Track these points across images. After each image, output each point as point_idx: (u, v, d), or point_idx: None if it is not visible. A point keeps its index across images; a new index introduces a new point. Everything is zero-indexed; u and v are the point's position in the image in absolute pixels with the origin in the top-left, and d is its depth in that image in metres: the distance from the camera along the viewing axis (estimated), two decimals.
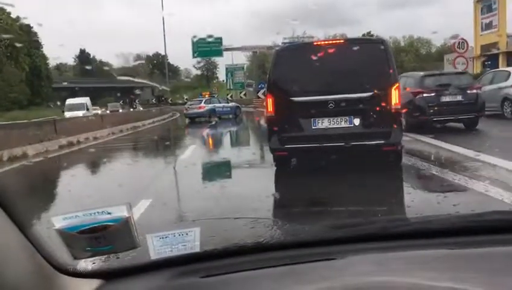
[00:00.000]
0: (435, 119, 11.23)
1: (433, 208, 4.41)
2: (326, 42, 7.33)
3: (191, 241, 1.10)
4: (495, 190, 5.09)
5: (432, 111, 11.14)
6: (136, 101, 44.77)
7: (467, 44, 21.33)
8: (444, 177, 6.22)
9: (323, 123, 6.65)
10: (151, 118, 28.54)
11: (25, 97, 54.08)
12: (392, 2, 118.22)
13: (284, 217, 3.21)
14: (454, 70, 17.29)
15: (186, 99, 43.32)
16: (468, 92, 11.52)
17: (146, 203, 5.04)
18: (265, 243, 1.23)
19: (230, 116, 29.33)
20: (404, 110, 8.06)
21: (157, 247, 1.09)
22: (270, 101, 6.86)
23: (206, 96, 31.23)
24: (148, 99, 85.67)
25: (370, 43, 7.77)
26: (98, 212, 0.96)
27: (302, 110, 6.65)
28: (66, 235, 0.94)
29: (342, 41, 7.53)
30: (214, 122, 25.15)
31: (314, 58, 6.68)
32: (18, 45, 54.14)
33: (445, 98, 11.28)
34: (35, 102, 53.26)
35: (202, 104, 27.96)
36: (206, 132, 19.39)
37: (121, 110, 40.67)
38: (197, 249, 1.11)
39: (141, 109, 41.85)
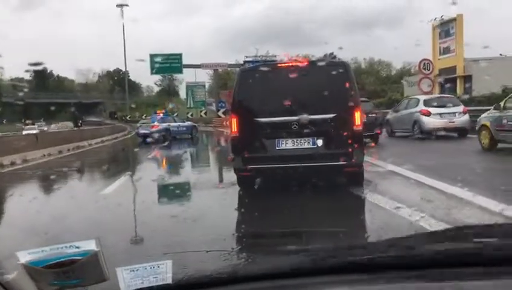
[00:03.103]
0: None
1: None
2: (290, 64, 7.37)
3: (162, 273, 1.08)
4: None
5: None
6: (82, 118, 42.27)
7: (432, 65, 21.01)
8: None
9: (287, 144, 6.74)
10: (100, 137, 26.69)
11: None
12: (354, 25, 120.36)
13: (256, 246, 2.89)
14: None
15: (140, 117, 41.36)
16: (369, 116, 13.58)
17: None
18: (240, 275, 1.25)
19: (186, 136, 27.81)
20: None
21: (127, 279, 1.07)
22: (234, 121, 6.91)
23: (161, 114, 29.53)
24: (99, 115, 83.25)
25: (332, 66, 7.65)
26: (65, 247, 0.96)
27: (266, 131, 6.75)
28: (32, 269, 0.94)
29: (305, 63, 7.61)
30: (166, 143, 23.53)
31: (278, 79, 6.92)
32: None
33: None
34: None
35: (155, 123, 26.30)
36: (152, 154, 17.58)
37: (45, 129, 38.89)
38: (169, 281, 1.10)
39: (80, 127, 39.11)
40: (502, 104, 11.35)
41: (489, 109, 12.27)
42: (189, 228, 5.28)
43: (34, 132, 36.19)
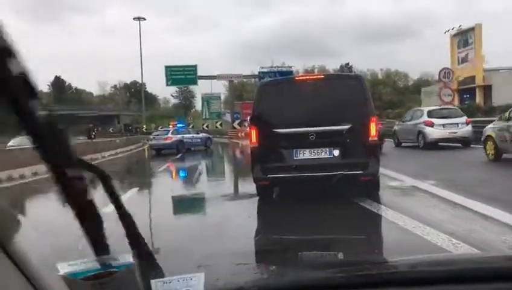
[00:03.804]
0: None
1: None
2: (307, 77, 8.06)
3: (195, 286, 1.09)
4: None
5: None
6: (95, 130, 41.83)
7: (453, 74, 20.41)
8: None
9: (305, 154, 6.98)
10: (114, 149, 26.48)
11: None
12: (370, 35, 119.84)
13: (283, 258, 2.65)
14: None
15: (156, 128, 41.17)
16: None
17: None
18: (271, 288, 1.28)
19: (201, 148, 27.47)
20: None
21: None
22: (253, 132, 7.20)
23: (174, 126, 29.24)
24: (112, 128, 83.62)
25: (348, 79, 8.17)
26: (104, 258, 0.99)
27: (284, 142, 6.99)
28: (70, 281, 0.95)
29: (322, 76, 8.10)
30: (179, 155, 23.15)
31: (296, 92, 7.26)
32: None
33: None
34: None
35: (169, 135, 25.99)
36: (164, 167, 17.17)
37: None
38: None
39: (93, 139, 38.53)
40: (506, 115, 11.64)
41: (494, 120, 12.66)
42: (210, 240, 5.16)
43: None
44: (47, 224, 6.52)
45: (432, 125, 16.57)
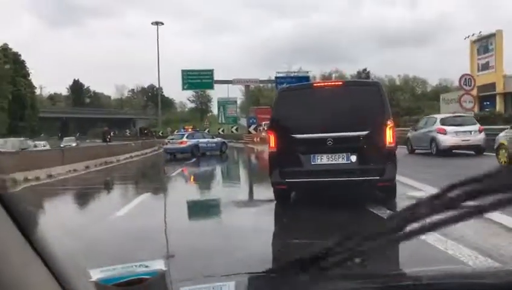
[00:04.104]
0: None
1: None
2: (325, 84, 8.26)
3: None
4: None
5: None
6: (111, 134, 41.98)
7: (474, 81, 19.93)
8: None
9: (322, 159, 7.03)
10: (129, 153, 26.46)
11: (3, 126, 51.91)
12: (388, 41, 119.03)
13: (309, 267, 1.81)
14: None
15: (172, 132, 41.06)
16: None
17: None
18: None
19: (216, 152, 27.31)
20: None
21: None
22: (272, 137, 7.33)
23: (189, 130, 29.08)
24: (129, 131, 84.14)
25: (366, 86, 8.32)
26: (135, 265, 0.99)
27: (302, 147, 7.07)
28: (102, 287, 0.96)
29: (340, 83, 8.22)
30: (193, 160, 23.02)
31: (314, 98, 7.31)
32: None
33: None
34: (17, 131, 51.04)
35: (184, 139, 25.86)
36: (177, 172, 16.99)
37: (73, 144, 38.02)
38: None
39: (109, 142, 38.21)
40: None
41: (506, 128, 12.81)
42: (231, 248, 5.03)
43: (74, 144, 38.16)
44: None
45: (444, 132, 16.64)
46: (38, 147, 28.58)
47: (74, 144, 38.97)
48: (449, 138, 16.48)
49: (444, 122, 17.19)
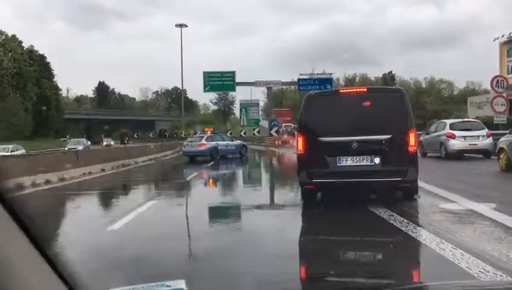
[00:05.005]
0: None
1: None
2: (351, 90, 8.90)
3: None
4: None
5: None
6: (132, 135, 41.84)
7: (507, 82, 19.05)
8: None
9: (347, 161, 7.41)
10: (148, 155, 26.17)
11: (27, 128, 52.50)
12: (412, 43, 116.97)
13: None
14: None
15: (194, 134, 40.60)
16: None
17: None
18: None
19: (235, 155, 26.79)
20: None
21: None
22: (300, 140, 7.79)
23: (209, 132, 28.64)
24: (151, 133, 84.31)
25: (389, 92, 8.95)
26: (156, 285, 1.01)
27: (328, 149, 7.49)
28: None
29: (364, 89, 8.68)
30: (211, 163, 22.51)
31: (340, 103, 7.83)
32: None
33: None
34: (42, 132, 51.74)
35: (203, 142, 25.36)
36: (192, 176, 16.47)
37: (80, 148, 34.25)
38: None
39: (127, 144, 36.18)
40: None
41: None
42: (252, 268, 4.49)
43: (80, 147, 35.42)
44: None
45: (453, 137, 17.40)
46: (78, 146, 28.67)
47: (81, 147, 35.64)
48: (458, 142, 17.28)
49: (453, 127, 17.93)
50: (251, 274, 4.23)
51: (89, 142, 44.42)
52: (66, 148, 35.80)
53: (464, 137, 17.29)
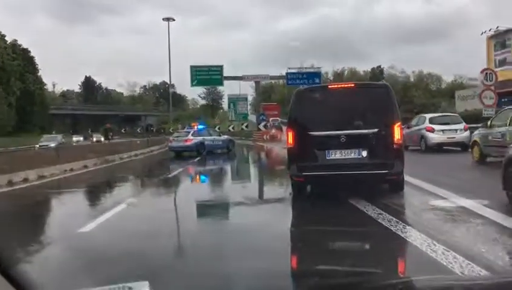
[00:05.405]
0: None
1: None
2: (339, 86, 9.12)
3: None
4: None
5: None
6: (119, 130, 40.98)
7: (496, 76, 18.99)
8: None
9: (336, 154, 7.64)
10: (134, 151, 25.70)
11: (9, 123, 51.47)
12: (402, 37, 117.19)
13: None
14: None
15: (182, 129, 39.90)
16: None
17: None
18: None
19: (222, 150, 26.41)
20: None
21: None
22: (290, 134, 7.98)
23: (195, 127, 28.19)
24: (139, 128, 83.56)
25: (376, 88, 9.24)
26: (118, 287, 0.96)
27: (317, 143, 7.72)
28: None
29: (352, 85, 9.01)
30: (196, 159, 22.11)
31: (328, 98, 8.07)
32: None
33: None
34: (26, 128, 50.80)
35: (189, 137, 24.91)
36: (177, 172, 16.09)
37: (52, 145, 31.17)
38: None
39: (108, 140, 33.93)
40: (488, 123, 13.16)
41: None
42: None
43: (52, 144, 32.18)
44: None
45: (432, 131, 18.14)
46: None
47: (53, 144, 32.23)
48: (436, 135, 18.05)
49: (432, 121, 18.66)
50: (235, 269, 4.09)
51: (64, 139, 41.62)
52: (37, 146, 33.58)
53: (443, 131, 18.04)
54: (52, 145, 31.01)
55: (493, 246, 4.54)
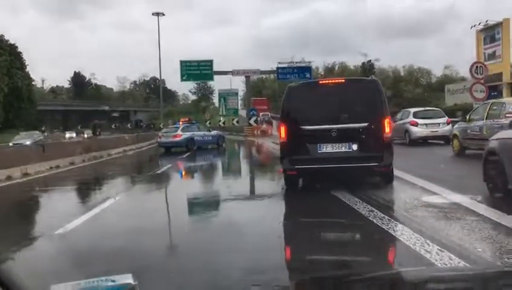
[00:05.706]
0: None
1: None
2: (330, 81, 9.24)
3: None
4: None
5: None
6: (109, 126, 40.47)
7: (486, 69, 18.98)
8: None
9: (327, 148, 7.88)
10: (123, 146, 25.41)
11: None
12: (392, 32, 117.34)
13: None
14: None
15: (162, 126, 39.47)
16: None
17: None
18: None
19: (212, 146, 26.18)
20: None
21: None
22: (283, 129, 8.17)
23: (181, 123, 27.88)
24: (129, 124, 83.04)
25: (366, 83, 9.59)
26: (101, 280, 0.95)
27: (309, 137, 7.98)
28: None
29: (342, 80, 9.40)
30: (186, 155, 21.86)
31: (320, 93, 8.29)
32: None
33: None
34: (13, 124, 50.05)
35: (179, 132, 24.65)
36: (163, 169, 15.75)
37: (27, 142, 28.15)
38: None
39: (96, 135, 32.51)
40: (467, 117, 13.63)
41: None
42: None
43: (28, 142, 29.28)
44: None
45: (416, 125, 18.70)
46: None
47: (29, 142, 29.60)
48: (420, 129, 18.65)
49: (416, 115, 19.20)
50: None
51: (42, 136, 39.04)
52: (11, 144, 30.32)
53: (426, 124, 18.65)
54: (28, 142, 28.82)
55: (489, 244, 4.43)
